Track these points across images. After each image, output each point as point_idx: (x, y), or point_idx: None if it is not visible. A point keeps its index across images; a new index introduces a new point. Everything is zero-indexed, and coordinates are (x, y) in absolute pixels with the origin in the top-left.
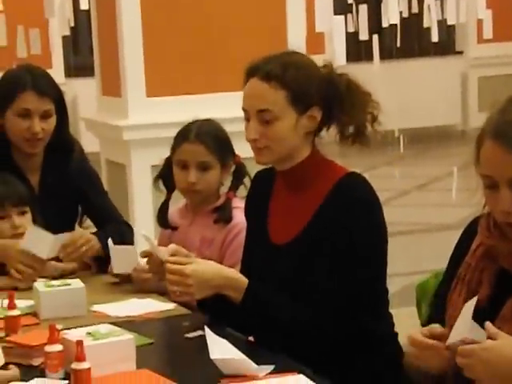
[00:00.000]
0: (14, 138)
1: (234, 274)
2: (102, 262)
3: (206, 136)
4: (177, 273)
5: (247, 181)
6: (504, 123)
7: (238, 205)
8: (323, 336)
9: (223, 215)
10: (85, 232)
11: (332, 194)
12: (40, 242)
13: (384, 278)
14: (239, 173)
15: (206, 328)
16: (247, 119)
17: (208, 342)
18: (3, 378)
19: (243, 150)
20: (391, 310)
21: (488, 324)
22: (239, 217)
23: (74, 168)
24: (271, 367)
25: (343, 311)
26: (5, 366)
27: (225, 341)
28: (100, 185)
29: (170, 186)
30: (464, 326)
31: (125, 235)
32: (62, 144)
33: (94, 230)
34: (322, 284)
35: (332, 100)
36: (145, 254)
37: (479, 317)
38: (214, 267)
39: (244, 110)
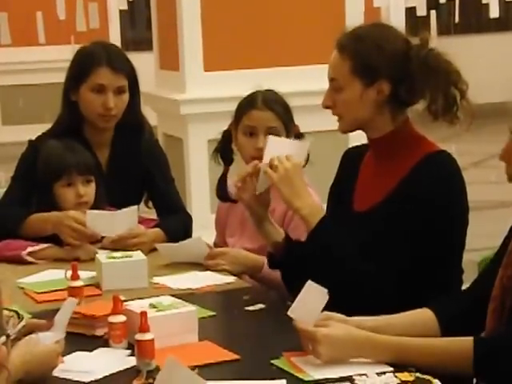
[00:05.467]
0: (88, 112)
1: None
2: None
3: (272, 103)
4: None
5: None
6: None
7: None
8: (382, 293)
9: None
10: (142, 232)
11: (417, 168)
12: (100, 222)
13: (459, 259)
14: None
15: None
16: None
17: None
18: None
19: (301, 124)
20: None
21: None
22: None
23: (145, 149)
24: None
25: (409, 281)
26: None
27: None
28: (168, 171)
29: (227, 159)
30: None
31: (187, 227)
32: (133, 122)
33: None
34: (393, 255)
35: (402, 75)
36: None
37: None
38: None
39: None
